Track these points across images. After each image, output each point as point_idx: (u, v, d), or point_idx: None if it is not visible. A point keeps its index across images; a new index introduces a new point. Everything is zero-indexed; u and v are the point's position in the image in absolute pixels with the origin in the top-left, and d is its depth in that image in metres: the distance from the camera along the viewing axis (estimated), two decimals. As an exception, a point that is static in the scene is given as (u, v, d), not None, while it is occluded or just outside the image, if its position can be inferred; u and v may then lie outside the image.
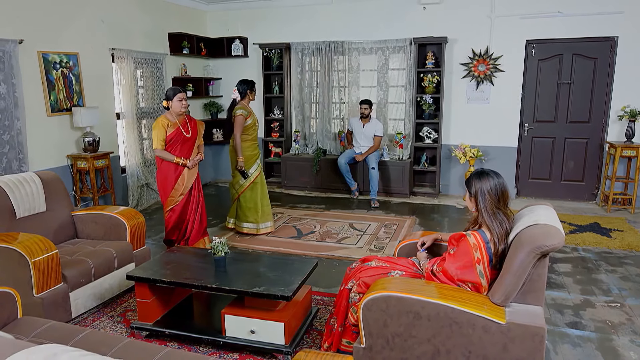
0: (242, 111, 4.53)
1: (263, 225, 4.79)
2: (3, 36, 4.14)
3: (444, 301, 2.06)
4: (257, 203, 4.72)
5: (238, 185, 4.66)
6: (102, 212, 3.60)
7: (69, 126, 4.94)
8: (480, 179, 2.28)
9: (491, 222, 2.20)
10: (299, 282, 2.67)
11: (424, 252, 2.67)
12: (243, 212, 4.74)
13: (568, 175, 6.15)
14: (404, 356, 2.17)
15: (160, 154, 3.91)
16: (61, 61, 4.80)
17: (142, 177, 5.91)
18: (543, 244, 1.96)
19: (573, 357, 2.69)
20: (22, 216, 3.31)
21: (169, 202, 4.00)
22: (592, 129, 5.95)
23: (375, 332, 2.20)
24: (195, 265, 3.00)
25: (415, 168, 6.44)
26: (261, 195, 4.74)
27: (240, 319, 2.67)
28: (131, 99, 5.66)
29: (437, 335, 2.09)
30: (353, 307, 2.45)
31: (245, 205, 4.70)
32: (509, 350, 1.99)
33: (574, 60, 5.87)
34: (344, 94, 6.77)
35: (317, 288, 3.54)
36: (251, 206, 4.71)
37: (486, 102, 6.22)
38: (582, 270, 3.94)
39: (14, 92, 4.30)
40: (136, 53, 5.73)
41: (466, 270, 2.20)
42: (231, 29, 7.13)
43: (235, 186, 4.69)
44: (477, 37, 6.07)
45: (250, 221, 4.75)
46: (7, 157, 4.27)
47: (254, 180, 4.65)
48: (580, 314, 3.19)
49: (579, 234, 4.79)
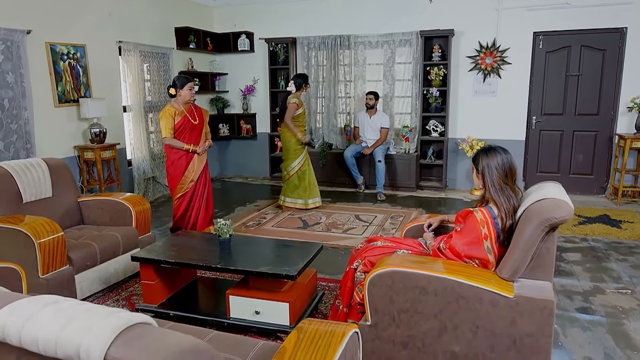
0: (295, 100, 5.16)
1: (311, 200, 5.38)
2: (11, 26, 4.18)
3: (451, 275, 2.03)
4: (306, 185, 5.32)
5: (290, 168, 5.30)
6: (108, 198, 3.60)
7: (76, 117, 4.96)
8: (487, 155, 2.25)
9: (498, 198, 2.17)
10: (304, 263, 2.65)
11: (430, 233, 2.63)
12: (297, 192, 5.33)
13: (577, 169, 6.08)
14: (410, 332, 2.14)
15: (170, 142, 3.95)
16: (69, 52, 4.83)
17: (149, 171, 5.93)
18: (552, 216, 1.92)
19: (583, 340, 2.65)
20: (29, 201, 3.32)
21: (179, 190, 4.03)
22: (601, 122, 5.89)
23: (381, 309, 2.17)
24: (200, 248, 2.99)
25: (422, 162, 6.40)
26: (309, 177, 5.37)
27: (245, 299, 2.65)
28: (138, 92, 5.69)
29: (444, 310, 2.06)
30: (359, 287, 2.42)
31: (299, 185, 5.32)
32: (517, 325, 1.95)
33: (582, 52, 5.81)
34: (350, 88, 6.76)
35: (322, 275, 3.52)
36: (304, 186, 5.33)
37: (493, 95, 6.18)
38: (592, 259, 3.88)
39: (22, 82, 4.32)
40: (143, 46, 5.76)
41: (473, 246, 2.17)
42: (237, 24, 7.15)
43: (287, 169, 5.32)
44: (484, 30, 6.04)
45: (302, 197, 5.34)
46: (14, 146, 4.30)
47: (301, 168, 5.28)
48: (590, 300, 3.14)
49: (588, 225, 4.72)
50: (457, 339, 2.06)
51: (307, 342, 1.51)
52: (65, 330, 0.96)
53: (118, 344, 0.92)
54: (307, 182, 5.34)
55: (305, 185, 5.33)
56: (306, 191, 5.34)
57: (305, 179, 5.32)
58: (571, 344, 2.61)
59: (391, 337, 2.18)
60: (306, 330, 1.59)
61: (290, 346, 1.49)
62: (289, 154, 5.30)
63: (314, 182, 5.43)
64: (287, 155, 5.33)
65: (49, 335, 0.96)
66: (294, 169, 5.28)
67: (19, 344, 1.01)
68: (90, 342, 0.93)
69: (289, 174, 5.31)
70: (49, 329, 0.97)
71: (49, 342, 0.96)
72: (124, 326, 0.96)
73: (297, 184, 5.32)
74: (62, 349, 0.94)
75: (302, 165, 5.28)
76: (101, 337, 0.93)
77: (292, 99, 5.17)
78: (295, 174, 5.29)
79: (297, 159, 5.26)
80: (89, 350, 0.92)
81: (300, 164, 5.27)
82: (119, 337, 0.93)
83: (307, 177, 5.33)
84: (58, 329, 0.97)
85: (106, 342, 0.92)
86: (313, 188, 5.41)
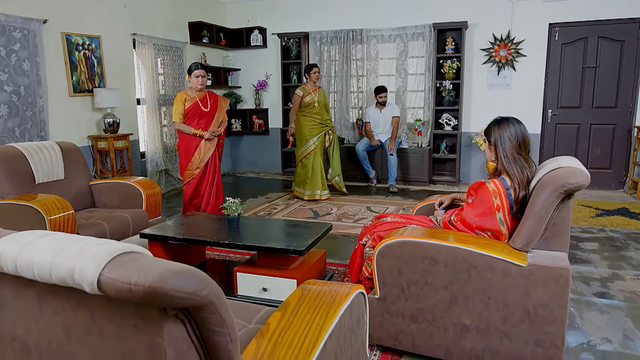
0: (300, 92, 5.27)
1: (318, 192, 5.38)
2: (28, 15, 4.25)
3: (461, 244, 1.97)
4: (307, 174, 5.36)
5: (298, 153, 5.45)
6: (119, 181, 3.63)
7: (90, 107, 5.02)
8: (500, 126, 2.20)
9: (511, 168, 2.11)
10: (312, 239, 2.62)
11: (441, 211, 2.58)
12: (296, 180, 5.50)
13: (594, 163, 5.94)
14: (420, 305, 2.08)
15: (178, 126, 4.00)
16: (84, 43, 4.90)
17: (162, 163, 5.96)
18: (567, 181, 1.86)
19: (600, 322, 2.55)
20: (41, 182, 3.35)
21: (187, 176, 4.06)
22: (619, 114, 5.75)
23: (389, 281, 2.12)
24: (209, 227, 2.98)
25: (435, 156, 6.33)
26: (313, 168, 5.33)
27: (252, 276, 2.63)
28: (152, 85, 5.74)
29: (455, 281, 2.00)
30: (367, 262, 2.38)
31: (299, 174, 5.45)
32: (530, 295, 1.89)
33: (599, 43, 5.70)
34: (362, 82, 6.73)
35: (332, 260, 3.48)
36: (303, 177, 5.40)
37: (508, 88, 6.09)
38: (610, 248, 3.77)
39: (38, 70, 4.39)
40: (157, 40, 5.81)
41: (485, 217, 2.11)
42: (250, 20, 7.19)
43: (296, 153, 5.49)
44: (498, 22, 5.96)
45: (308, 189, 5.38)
46: (29, 133, 4.36)
47: (309, 154, 5.32)
48: (608, 286, 3.04)
49: (606, 217, 4.60)
50: (468, 311, 2.00)
51: (311, 297, 1.47)
52: (60, 254, 0.94)
53: (112, 265, 0.90)
54: (310, 173, 5.34)
55: (307, 176, 5.35)
56: (306, 183, 5.36)
57: (309, 170, 5.34)
58: (588, 326, 2.52)
59: (400, 310, 2.13)
60: (310, 288, 1.55)
61: (293, 301, 1.45)
62: (299, 142, 5.47)
63: (317, 176, 5.36)
64: (297, 143, 5.53)
65: (44, 259, 0.95)
66: (298, 157, 5.46)
67: (15, 271, 1.00)
68: (84, 264, 0.91)
69: (296, 162, 5.55)
70: (44, 254, 0.96)
71: (43, 266, 0.94)
72: (119, 252, 0.94)
73: (298, 173, 5.46)
74: (57, 271, 0.93)
75: (306, 154, 5.35)
76: (95, 259, 0.91)
77: (298, 90, 5.34)
78: (300, 163, 5.42)
79: (302, 147, 5.38)
80: (83, 271, 0.90)
81: (304, 153, 5.36)
82: (113, 260, 0.91)
83: (309, 168, 5.34)
84: (53, 253, 0.95)
85: (100, 264, 0.90)
86: (315, 181, 5.36)
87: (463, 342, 2.03)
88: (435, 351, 2.11)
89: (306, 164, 5.36)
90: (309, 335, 1.26)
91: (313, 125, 5.34)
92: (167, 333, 0.93)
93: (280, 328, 1.31)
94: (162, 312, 0.91)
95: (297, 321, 1.33)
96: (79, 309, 1.00)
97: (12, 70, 4.17)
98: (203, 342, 1.00)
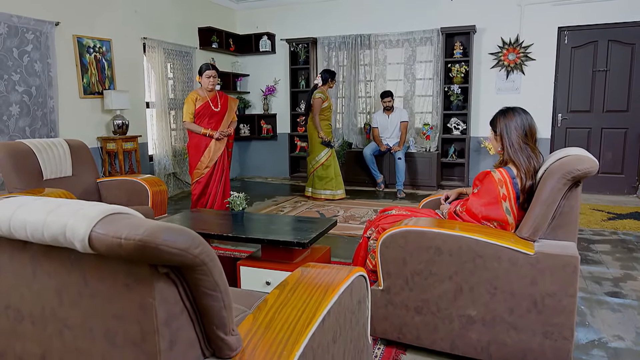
0: (320, 95, 5.33)
1: (339, 192, 5.59)
2: (41, 17, 4.33)
3: (467, 233, 1.93)
4: (331, 176, 5.51)
5: (314, 161, 5.50)
6: (125, 178, 3.64)
7: (100, 110, 5.08)
8: (505, 116, 2.18)
9: (518, 157, 2.08)
10: (316, 233, 2.59)
11: (447, 205, 2.55)
12: (321, 183, 5.53)
13: (606, 168, 5.85)
14: (424, 296, 2.04)
15: (188, 126, 4.03)
16: (95, 46, 4.98)
17: (170, 167, 6.00)
18: (574, 167, 1.82)
19: (612, 320, 2.48)
20: (49, 178, 3.37)
21: (195, 175, 4.08)
22: (631, 118, 5.67)
23: (394, 272, 2.08)
24: (214, 221, 2.97)
25: (443, 160, 6.28)
26: (335, 169, 5.55)
27: (256, 270, 2.60)
28: (161, 89, 5.80)
29: (460, 271, 1.96)
30: (372, 254, 2.34)
31: (323, 177, 5.50)
32: (538, 284, 1.84)
33: (609, 46, 5.65)
34: (370, 87, 6.74)
35: (337, 259, 3.44)
36: (329, 178, 5.51)
37: (517, 92, 6.05)
38: (622, 250, 3.68)
39: (49, 72, 4.46)
40: (167, 44, 5.89)
41: (491, 207, 2.07)
42: (259, 26, 7.26)
43: (312, 162, 5.54)
44: (506, 26, 5.95)
45: (328, 189, 5.53)
46: (39, 133, 4.41)
47: (326, 162, 5.45)
48: (620, 285, 2.96)
49: (618, 221, 4.51)
50: (473, 301, 1.95)
51: (310, 277, 1.45)
52: (52, 213, 0.94)
53: (103, 222, 0.89)
54: (333, 174, 5.52)
55: (331, 176, 5.51)
56: (332, 182, 5.52)
57: (331, 171, 5.50)
58: (599, 323, 2.45)
59: (404, 302, 2.09)
60: (310, 270, 1.53)
61: (292, 280, 1.43)
62: (314, 147, 5.51)
63: (338, 174, 5.61)
64: (312, 148, 5.55)
65: (37, 218, 0.94)
66: (318, 162, 5.49)
67: (8, 232, 0.99)
68: (76, 222, 0.90)
69: (314, 166, 5.52)
70: (37, 214, 0.95)
71: (36, 224, 0.94)
72: (111, 211, 0.93)
73: (321, 176, 5.50)
74: (49, 230, 0.92)
75: (327, 158, 5.47)
76: (88, 217, 0.90)
77: (317, 94, 5.35)
78: (320, 166, 5.48)
79: (322, 152, 5.46)
80: (75, 228, 0.89)
81: (325, 157, 5.46)
82: (105, 218, 0.90)
83: (332, 169, 5.51)
84: (46, 212, 0.95)
85: (92, 221, 0.89)
86: (338, 180, 5.59)
87: (469, 334, 1.99)
88: (440, 344, 2.06)
89: (330, 164, 5.50)
90: (307, 310, 1.23)
91: (329, 127, 5.56)
92: (158, 293, 0.91)
93: (278, 303, 1.28)
94: (154, 270, 0.90)
95: (295, 297, 1.31)
96: (72, 271, 0.99)
97: (24, 70, 4.24)
98: (196, 306, 0.98)
